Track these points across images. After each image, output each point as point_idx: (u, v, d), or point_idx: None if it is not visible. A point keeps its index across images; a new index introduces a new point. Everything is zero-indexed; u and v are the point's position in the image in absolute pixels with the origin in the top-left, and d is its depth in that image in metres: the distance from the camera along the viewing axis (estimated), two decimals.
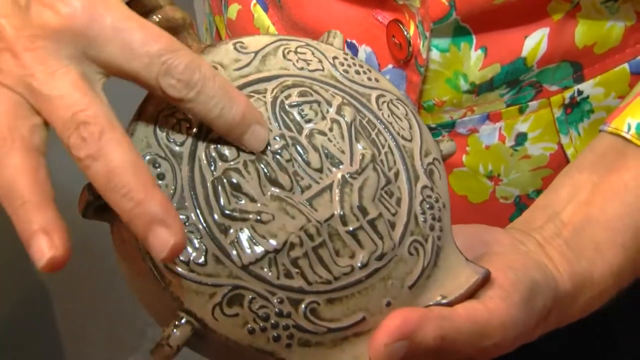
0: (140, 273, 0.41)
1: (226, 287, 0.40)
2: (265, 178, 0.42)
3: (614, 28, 0.57)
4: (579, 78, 0.58)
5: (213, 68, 0.41)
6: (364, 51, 0.58)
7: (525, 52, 0.56)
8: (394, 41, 0.56)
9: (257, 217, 0.41)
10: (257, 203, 0.41)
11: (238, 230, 0.41)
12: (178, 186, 0.41)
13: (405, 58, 0.56)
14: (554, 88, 0.57)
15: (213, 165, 0.42)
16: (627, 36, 0.57)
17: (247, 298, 0.40)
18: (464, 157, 0.59)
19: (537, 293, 0.46)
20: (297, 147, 0.43)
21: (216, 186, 0.41)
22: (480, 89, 0.57)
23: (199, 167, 0.42)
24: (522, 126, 0.58)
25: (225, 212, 0.41)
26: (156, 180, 0.41)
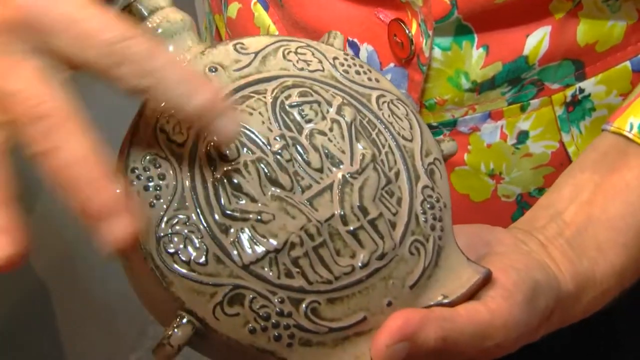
0: (141, 273, 0.41)
1: (227, 287, 0.40)
2: (265, 178, 0.42)
3: (616, 26, 0.56)
4: (581, 76, 0.57)
5: (174, 55, 0.39)
6: (366, 50, 0.58)
7: (527, 51, 0.55)
8: (396, 40, 0.56)
9: (258, 217, 0.41)
10: (258, 203, 0.41)
11: (239, 230, 0.41)
12: (178, 186, 0.41)
13: (407, 57, 0.56)
14: (556, 86, 0.57)
15: (213, 165, 0.42)
16: (629, 34, 0.57)
17: (248, 297, 0.40)
18: (466, 156, 0.59)
19: (540, 293, 0.46)
20: (298, 147, 0.43)
21: (217, 186, 0.41)
22: (481, 88, 0.57)
23: (200, 168, 0.42)
24: (524, 124, 0.58)
25: (225, 212, 0.41)
26: (157, 180, 0.41)
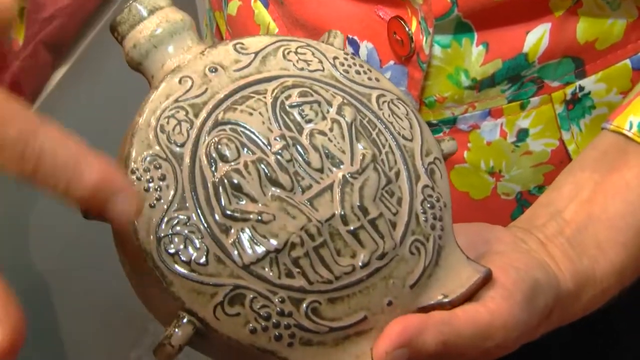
0: (141, 273, 0.41)
1: (227, 287, 0.40)
2: (266, 178, 0.42)
3: (616, 24, 0.56)
4: (581, 74, 0.57)
5: (61, 134, 0.35)
6: (366, 47, 0.57)
7: (526, 48, 0.55)
8: (396, 38, 0.56)
9: (258, 217, 0.41)
10: (258, 203, 0.41)
11: (239, 230, 0.41)
12: (179, 187, 0.41)
13: (407, 54, 0.56)
14: (556, 84, 0.57)
15: (214, 166, 0.42)
16: (629, 32, 0.57)
17: (249, 297, 0.41)
18: (466, 154, 0.59)
19: (539, 292, 0.46)
20: (298, 148, 0.43)
21: (217, 187, 0.41)
22: (481, 85, 0.57)
23: (200, 168, 0.42)
24: (524, 122, 0.58)
25: (226, 213, 0.41)
26: (157, 181, 0.41)
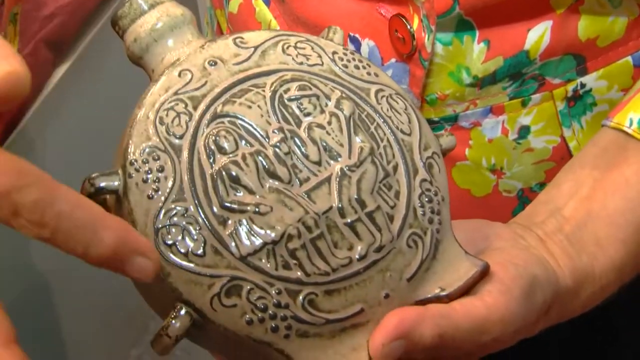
0: None
1: (224, 278, 0.41)
2: (263, 170, 0.42)
3: (617, 21, 0.56)
4: (582, 71, 0.57)
5: (78, 197, 0.36)
6: (367, 45, 0.58)
7: (528, 45, 0.55)
8: (397, 35, 0.56)
9: (256, 209, 0.41)
10: (256, 195, 0.42)
11: (236, 222, 0.41)
12: (177, 178, 0.41)
13: (409, 52, 0.56)
14: (557, 81, 0.57)
15: (212, 157, 0.42)
16: (630, 29, 0.57)
17: (246, 289, 0.41)
18: (467, 151, 0.59)
19: (537, 288, 0.46)
20: (296, 140, 0.43)
21: (215, 178, 0.42)
22: (483, 82, 0.57)
23: (198, 160, 0.42)
24: (525, 119, 0.58)
25: (223, 204, 0.41)
26: (156, 173, 0.41)
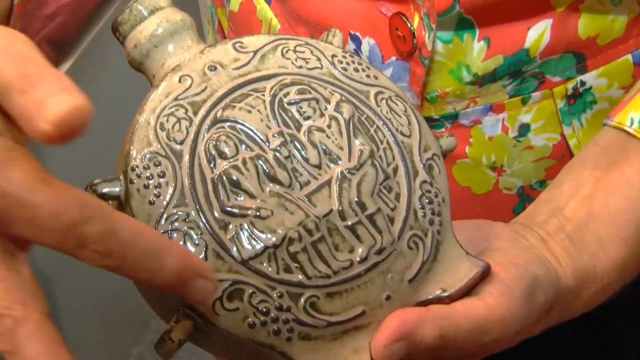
0: None
1: (226, 282, 0.41)
2: (264, 175, 0.42)
3: (617, 20, 0.56)
4: (582, 69, 0.57)
5: (140, 225, 0.37)
6: (368, 43, 0.58)
7: (528, 44, 0.55)
8: (398, 34, 0.56)
9: (257, 213, 0.42)
10: (256, 199, 0.42)
11: (237, 226, 0.41)
12: (178, 184, 0.42)
13: (409, 50, 0.56)
14: (557, 79, 0.57)
15: (212, 162, 0.42)
16: (630, 27, 0.57)
17: (247, 292, 0.41)
18: (467, 149, 0.59)
19: (539, 288, 0.46)
20: (296, 144, 0.43)
21: (216, 183, 0.42)
22: (483, 80, 0.57)
23: (199, 165, 0.42)
24: (525, 117, 0.58)
25: (224, 209, 0.42)
26: (157, 178, 0.42)
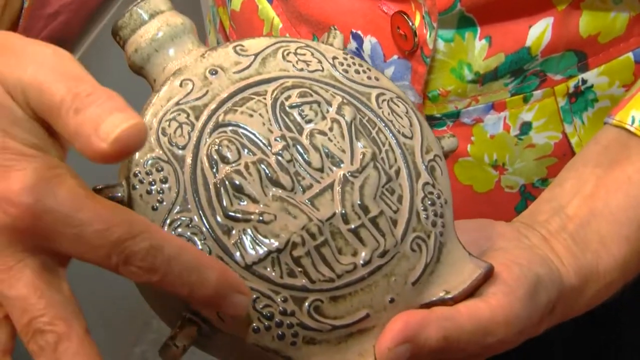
0: None
1: None
2: (266, 179, 0.42)
3: (618, 18, 0.56)
4: (584, 67, 0.57)
5: (182, 241, 0.38)
6: (369, 42, 0.58)
7: (529, 42, 0.55)
8: (399, 32, 0.56)
9: (260, 218, 0.42)
10: (259, 204, 0.42)
11: (241, 231, 0.41)
12: (181, 189, 0.41)
13: (411, 49, 0.56)
14: (558, 77, 0.57)
15: (215, 167, 0.42)
16: (632, 26, 0.57)
17: (252, 297, 0.41)
18: (469, 147, 0.59)
19: (541, 288, 0.46)
20: (298, 148, 0.43)
21: (218, 188, 0.42)
22: (484, 79, 0.57)
23: (201, 170, 0.42)
24: (527, 115, 0.58)
25: (227, 214, 0.41)
26: (159, 184, 0.41)
